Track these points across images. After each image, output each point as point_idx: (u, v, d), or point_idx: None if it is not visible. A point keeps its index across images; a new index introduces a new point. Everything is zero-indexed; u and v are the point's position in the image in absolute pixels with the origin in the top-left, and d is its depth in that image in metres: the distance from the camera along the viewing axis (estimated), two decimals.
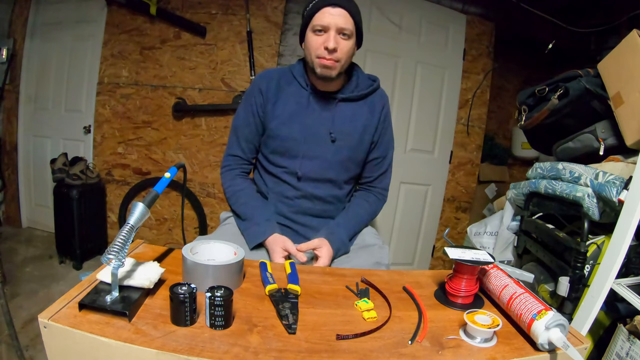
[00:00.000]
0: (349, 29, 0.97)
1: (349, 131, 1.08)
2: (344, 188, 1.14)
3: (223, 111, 2.45)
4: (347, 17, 0.97)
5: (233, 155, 1.14)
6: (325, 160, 1.08)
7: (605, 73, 1.33)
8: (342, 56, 0.99)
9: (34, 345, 1.51)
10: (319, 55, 0.98)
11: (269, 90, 1.08)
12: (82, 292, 0.63)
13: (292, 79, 1.10)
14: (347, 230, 1.07)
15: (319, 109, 1.07)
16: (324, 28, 0.97)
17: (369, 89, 1.10)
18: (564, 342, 0.56)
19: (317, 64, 1.00)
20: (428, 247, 2.78)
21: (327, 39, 0.96)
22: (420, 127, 2.58)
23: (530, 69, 2.87)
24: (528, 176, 1.58)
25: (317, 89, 1.08)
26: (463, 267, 0.72)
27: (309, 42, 1.01)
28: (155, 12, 2.36)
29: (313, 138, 1.07)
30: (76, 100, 2.63)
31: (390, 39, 2.45)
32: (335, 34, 0.97)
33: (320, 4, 0.96)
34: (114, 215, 2.63)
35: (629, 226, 1.04)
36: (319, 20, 0.96)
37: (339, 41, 0.97)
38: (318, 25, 0.97)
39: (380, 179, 1.17)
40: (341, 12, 0.96)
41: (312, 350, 0.57)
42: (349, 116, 1.08)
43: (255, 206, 1.07)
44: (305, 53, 1.04)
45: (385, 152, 1.16)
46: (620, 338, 1.03)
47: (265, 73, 1.13)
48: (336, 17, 0.95)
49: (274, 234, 1.01)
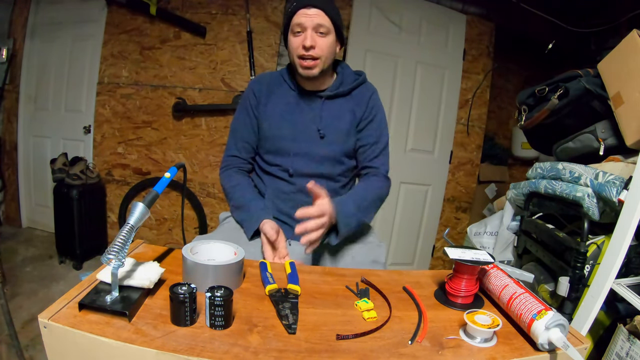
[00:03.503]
0: (325, 25, 1.01)
1: (336, 126, 1.11)
2: (339, 180, 1.16)
3: (223, 111, 2.45)
4: (323, 15, 1.01)
5: (231, 156, 1.18)
6: (315, 156, 1.11)
7: (605, 73, 1.33)
8: (321, 53, 1.03)
9: (34, 345, 1.52)
10: (299, 54, 1.03)
11: (260, 93, 1.14)
12: (82, 292, 0.63)
13: (282, 81, 1.15)
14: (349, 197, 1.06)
15: (307, 108, 1.12)
16: (302, 28, 1.01)
17: (354, 83, 1.14)
18: (564, 342, 0.56)
19: (298, 64, 1.05)
20: (428, 247, 2.78)
21: (304, 37, 1.01)
22: (420, 127, 2.59)
23: (530, 69, 2.87)
24: (528, 176, 1.58)
25: (304, 89, 1.12)
26: (463, 267, 0.72)
27: (289, 44, 1.06)
28: (155, 12, 2.36)
29: (302, 136, 1.10)
30: (76, 100, 2.64)
31: (390, 39, 2.45)
32: (312, 32, 1.01)
33: (296, 6, 1.02)
34: (114, 215, 2.63)
35: (629, 226, 1.05)
36: (296, 20, 1.02)
37: (316, 39, 1.01)
38: (296, 26, 1.02)
39: (375, 162, 1.16)
40: (316, 11, 1.00)
41: (312, 350, 0.57)
42: (335, 112, 1.12)
43: (251, 198, 1.10)
44: (289, 55, 1.09)
45: (376, 138, 1.16)
46: (620, 338, 1.03)
47: (258, 77, 1.20)
48: (312, 16, 1.00)
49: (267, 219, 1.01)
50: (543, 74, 1.72)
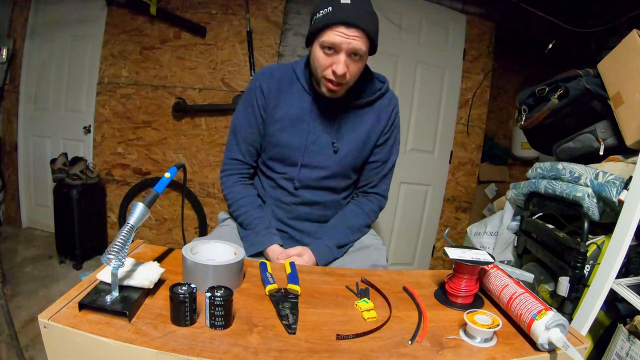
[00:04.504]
0: (363, 49, 0.87)
1: (352, 139, 1.02)
2: (342, 193, 1.11)
3: (223, 111, 2.45)
4: (363, 39, 0.85)
5: (232, 159, 1.09)
6: (325, 170, 1.03)
7: (605, 73, 1.33)
8: (351, 79, 0.92)
9: (34, 345, 1.51)
10: (326, 76, 0.90)
11: (270, 92, 1.01)
12: (82, 292, 0.63)
13: (295, 79, 1.02)
14: (333, 237, 1.03)
15: (323, 117, 1.00)
16: (335, 49, 0.86)
17: (377, 93, 1.03)
18: (564, 342, 0.56)
19: (322, 83, 0.93)
20: (428, 247, 2.78)
21: (336, 61, 0.86)
22: (420, 127, 2.58)
23: (530, 69, 2.86)
24: (528, 176, 1.58)
25: (320, 94, 0.99)
26: (463, 267, 0.72)
27: (315, 57, 0.91)
28: (155, 12, 2.36)
29: (315, 147, 1.01)
30: (76, 100, 2.63)
31: (390, 39, 2.45)
32: (346, 57, 0.87)
33: (334, 19, 0.83)
34: (114, 215, 2.63)
35: (629, 226, 1.04)
36: (329, 37, 0.85)
37: (349, 64, 0.88)
38: (327, 43, 0.86)
39: (380, 185, 1.11)
40: (357, 33, 0.84)
41: (312, 350, 0.57)
42: (353, 123, 1.01)
43: (256, 216, 1.04)
44: (311, 62, 0.95)
45: (388, 156, 1.09)
46: (620, 338, 1.03)
47: (267, 70, 1.05)
48: (350, 37, 0.84)
49: (273, 245, 0.99)
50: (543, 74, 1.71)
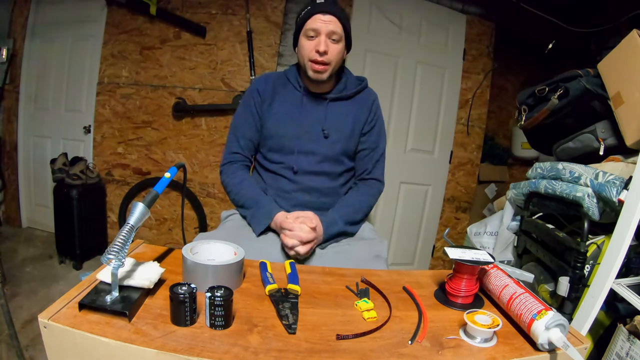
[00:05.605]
0: (338, 33, 1.06)
1: (340, 127, 1.16)
2: (338, 180, 1.20)
3: (223, 111, 2.45)
4: (337, 23, 1.06)
5: (232, 153, 1.20)
6: (319, 155, 1.15)
7: (605, 73, 1.33)
8: (333, 59, 1.07)
9: (34, 345, 1.51)
10: (311, 58, 1.07)
11: (265, 92, 1.17)
12: (82, 292, 0.63)
13: (287, 82, 1.18)
14: (339, 211, 1.12)
15: (312, 109, 1.16)
16: (316, 32, 1.06)
17: (357, 88, 1.19)
18: (564, 342, 0.56)
19: (309, 67, 1.08)
20: (428, 247, 2.78)
21: (318, 42, 1.05)
22: (420, 127, 2.58)
23: (530, 69, 2.86)
24: (528, 176, 1.58)
25: (309, 91, 1.16)
26: (463, 267, 0.72)
27: (301, 47, 1.09)
28: (155, 12, 2.36)
29: (307, 135, 1.14)
30: (76, 100, 2.63)
31: (390, 39, 2.45)
32: (326, 38, 1.05)
33: (312, 11, 1.05)
34: (114, 215, 2.63)
35: (629, 226, 1.05)
36: (311, 25, 1.05)
37: (329, 45, 1.06)
38: (310, 30, 1.06)
39: (374, 171, 1.23)
40: (331, 18, 1.05)
41: (312, 350, 0.57)
42: (339, 114, 1.16)
43: (259, 193, 1.13)
44: (299, 57, 1.13)
45: (376, 143, 1.22)
46: (620, 338, 1.03)
47: (263, 77, 1.22)
48: (327, 22, 1.04)
49: (279, 212, 1.07)
50: (543, 74, 1.72)
